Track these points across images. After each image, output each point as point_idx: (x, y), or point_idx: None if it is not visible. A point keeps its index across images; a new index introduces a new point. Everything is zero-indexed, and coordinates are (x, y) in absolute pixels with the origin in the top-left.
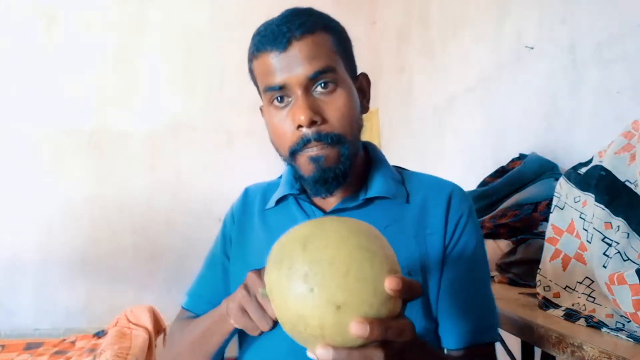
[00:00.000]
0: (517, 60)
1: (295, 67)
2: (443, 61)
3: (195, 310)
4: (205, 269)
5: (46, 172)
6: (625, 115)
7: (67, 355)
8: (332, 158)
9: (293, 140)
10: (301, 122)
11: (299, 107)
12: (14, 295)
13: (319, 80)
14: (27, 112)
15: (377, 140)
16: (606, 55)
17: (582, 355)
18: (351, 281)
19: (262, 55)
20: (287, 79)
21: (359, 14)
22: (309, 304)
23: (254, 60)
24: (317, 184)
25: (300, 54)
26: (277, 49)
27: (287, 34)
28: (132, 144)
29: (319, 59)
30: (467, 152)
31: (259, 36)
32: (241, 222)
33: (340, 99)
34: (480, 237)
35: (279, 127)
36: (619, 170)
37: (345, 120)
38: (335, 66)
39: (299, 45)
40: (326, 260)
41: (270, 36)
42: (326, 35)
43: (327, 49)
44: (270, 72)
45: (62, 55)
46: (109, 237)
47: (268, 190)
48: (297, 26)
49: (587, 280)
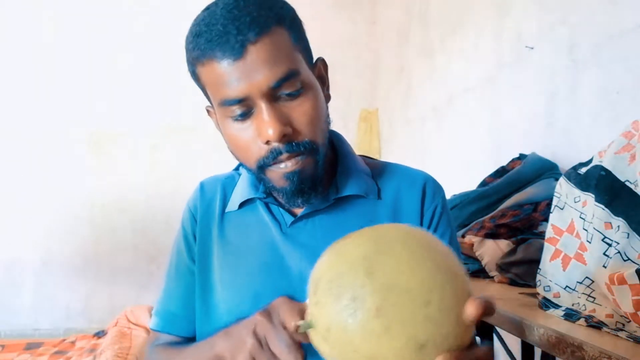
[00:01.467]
0: (517, 60)
1: (255, 75)
2: (443, 61)
3: (172, 331)
4: (174, 282)
5: (46, 172)
6: (625, 115)
7: (67, 355)
8: (308, 169)
9: (261, 155)
10: (270, 138)
11: (266, 121)
12: (14, 295)
13: (282, 88)
14: (27, 113)
15: (377, 140)
16: (606, 55)
17: (582, 355)
18: (433, 313)
19: (211, 62)
20: (248, 91)
21: (359, 14)
22: (384, 345)
23: (199, 66)
24: (293, 195)
25: (259, 60)
26: (229, 57)
27: (239, 36)
28: (132, 144)
29: (280, 63)
30: (467, 152)
31: (202, 38)
32: (203, 221)
33: (308, 102)
34: (454, 229)
35: (242, 140)
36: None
37: (316, 124)
38: (298, 68)
39: (256, 50)
40: (402, 288)
41: (218, 40)
42: (282, 31)
43: (286, 49)
44: (225, 84)
45: (62, 55)
46: (109, 237)
47: (227, 187)
48: (248, 25)
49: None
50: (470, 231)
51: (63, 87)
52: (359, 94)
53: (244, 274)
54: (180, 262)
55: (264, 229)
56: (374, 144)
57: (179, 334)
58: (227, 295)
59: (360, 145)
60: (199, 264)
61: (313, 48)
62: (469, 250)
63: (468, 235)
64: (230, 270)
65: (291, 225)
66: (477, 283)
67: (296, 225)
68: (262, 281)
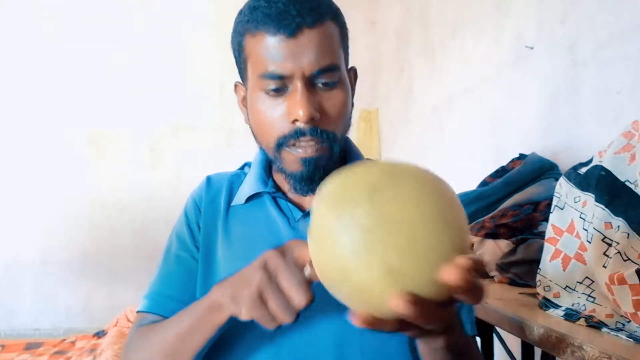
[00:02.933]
0: (517, 60)
1: (302, 58)
2: (443, 61)
3: (162, 312)
4: (173, 266)
5: (46, 172)
6: (625, 115)
7: (67, 355)
8: (324, 157)
9: (284, 132)
10: (299, 118)
11: (299, 101)
12: (14, 295)
13: (322, 77)
14: (26, 112)
15: (377, 140)
16: (606, 55)
17: (582, 355)
18: (414, 248)
19: (264, 35)
20: (291, 70)
21: (359, 14)
22: (360, 259)
23: (248, 36)
24: (303, 181)
25: (310, 45)
26: (283, 33)
27: (297, 18)
28: (132, 143)
29: (326, 53)
30: (467, 152)
31: (259, 11)
32: (208, 212)
33: (340, 97)
34: None
35: (269, 115)
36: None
37: (341, 118)
38: (339, 63)
39: (310, 34)
40: (393, 218)
41: (276, 16)
42: (334, 27)
43: (334, 43)
44: (272, 58)
45: (62, 55)
46: (109, 237)
47: (233, 183)
48: (307, 11)
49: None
50: (470, 231)
51: (63, 86)
52: (359, 94)
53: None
54: (182, 247)
55: (271, 224)
56: (374, 144)
57: (168, 315)
58: None
59: (360, 145)
60: (203, 255)
61: None
62: None
63: None
64: (235, 265)
65: (299, 220)
66: None
67: (305, 220)
68: None
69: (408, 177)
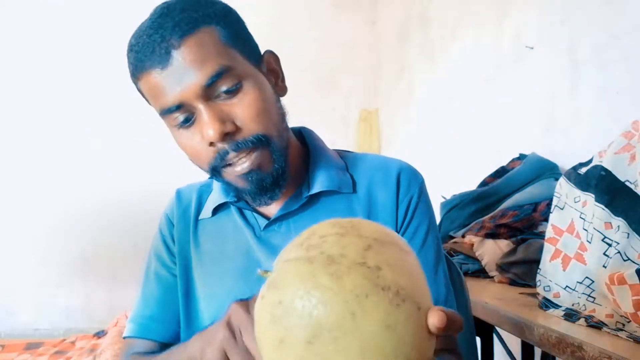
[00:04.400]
0: (517, 60)
1: (185, 79)
2: (443, 61)
3: (148, 336)
4: (152, 285)
5: (46, 172)
6: (625, 115)
7: (67, 355)
8: (264, 164)
9: (209, 159)
10: (212, 139)
11: (206, 122)
12: (14, 295)
13: (218, 85)
14: (26, 112)
15: (377, 140)
16: (606, 55)
17: (582, 355)
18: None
19: (144, 75)
20: (181, 95)
21: (359, 14)
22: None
23: (137, 81)
24: (256, 195)
25: (186, 63)
26: (157, 66)
27: (163, 44)
28: (132, 144)
29: (209, 61)
30: (467, 152)
31: (133, 53)
32: (180, 226)
33: (249, 96)
34: (432, 219)
35: (190, 147)
36: (619, 170)
37: (262, 117)
38: (230, 63)
39: (181, 53)
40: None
41: (145, 51)
42: (210, 30)
43: (215, 46)
44: (160, 94)
45: (61, 55)
46: (109, 237)
47: (202, 194)
48: (170, 31)
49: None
50: (470, 231)
51: (63, 86)
52: (359, 94)
53: (222, 282)
54: (161, 264)
55: (238, 235)
56: (374, 144)
57: (155, 338)
58: (208, 304)
59: (360, 145)
60: (181, 270)
61: (313, 48)
62: (469, 250)
63: (468, 235)
64: (209, 280)
65: (265, 229)
66: (477, 283)
67: (270, 229)
68: (240, 288)
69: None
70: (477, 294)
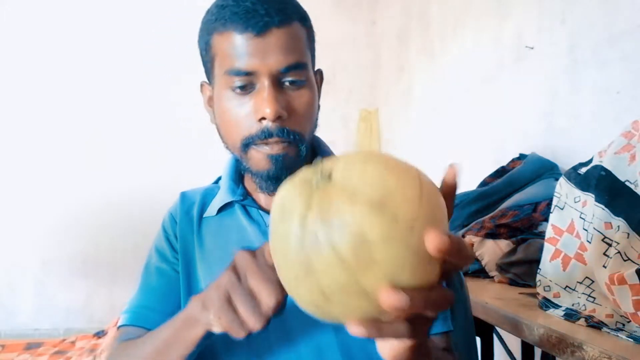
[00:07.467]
0: (517, 60)
1: (269, 55)
2: (443, 61)
3: (144, 324)
4: (153, 278)
5: (46, 172)
6: (625, 115)
7: (67, 355)
8: (292, 157)
9: (250, 132)
10: (266, 115)
11: (267, 99)
12: (14, 295)
13: (289, 75)
14: (25, 113)
15: (377, 140)
16: (606, 55)
17: (582, 355)
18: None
19: (231, 33)
20: (258, 67)
21: (359, 14)
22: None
23: (216, 34)
24: (270, 180)
25: (277, 44)
26: (251, 31)
27: (265, 17)
28: (132, 144)
29: (293, 52)
30: (467, 152)
31: (227, 10)
32: (183, 224)
33: (307, 97)
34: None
35: (235, 113)
36: (619, 170)
37: (308, 119)
38: (306, 62)
39: (277, 33)
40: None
41: (244, 14)
42: (302, 28)
43: (301, 43)
44: (238, 55)
45: (61, 55)
46: (109, 237)
47: (206, 196)
48: (275, 11)
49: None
50: (470, 231)
51: (62, 87)
52: (359, 94)
53: None
54: (162, 260)
55: (242, 232)
56: (374, 145)
57: (150, 326)
58: None
59: (360, 145)
60: (183, 267)
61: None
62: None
63: (468, 235)
64: (212, 277)
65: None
66: (477, 283)
67: None
68: None
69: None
70: (477, 294)
